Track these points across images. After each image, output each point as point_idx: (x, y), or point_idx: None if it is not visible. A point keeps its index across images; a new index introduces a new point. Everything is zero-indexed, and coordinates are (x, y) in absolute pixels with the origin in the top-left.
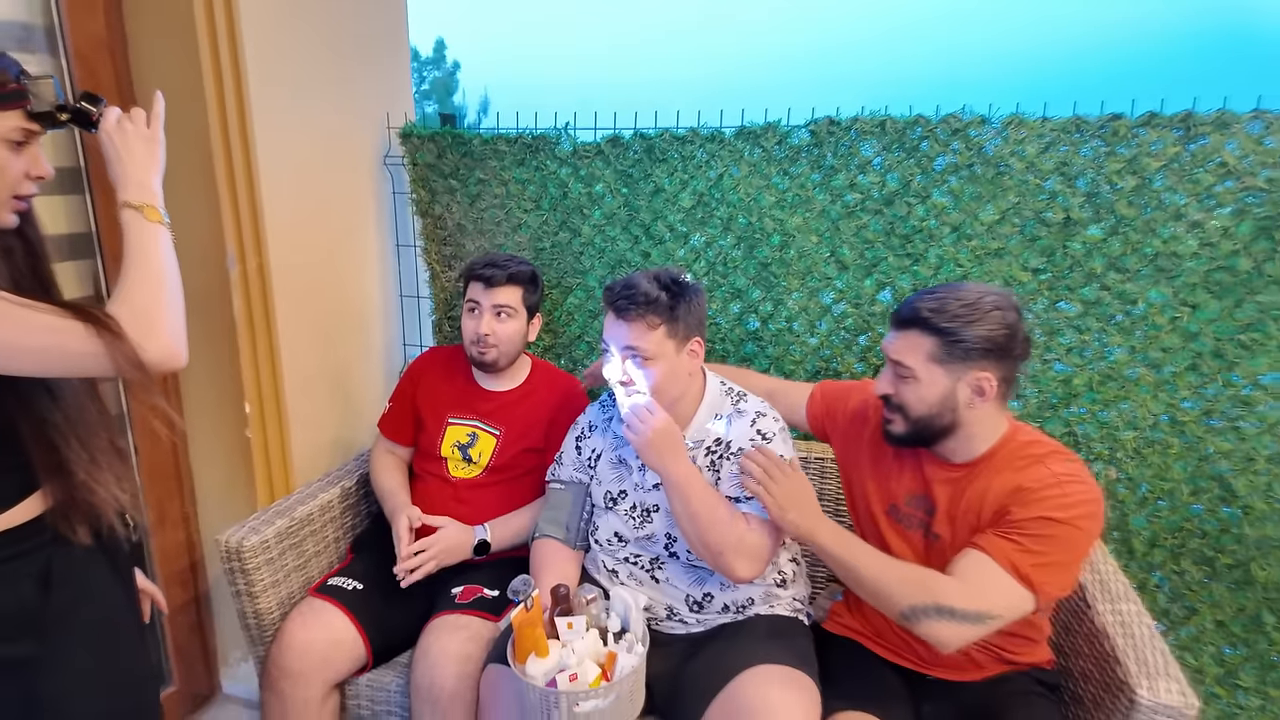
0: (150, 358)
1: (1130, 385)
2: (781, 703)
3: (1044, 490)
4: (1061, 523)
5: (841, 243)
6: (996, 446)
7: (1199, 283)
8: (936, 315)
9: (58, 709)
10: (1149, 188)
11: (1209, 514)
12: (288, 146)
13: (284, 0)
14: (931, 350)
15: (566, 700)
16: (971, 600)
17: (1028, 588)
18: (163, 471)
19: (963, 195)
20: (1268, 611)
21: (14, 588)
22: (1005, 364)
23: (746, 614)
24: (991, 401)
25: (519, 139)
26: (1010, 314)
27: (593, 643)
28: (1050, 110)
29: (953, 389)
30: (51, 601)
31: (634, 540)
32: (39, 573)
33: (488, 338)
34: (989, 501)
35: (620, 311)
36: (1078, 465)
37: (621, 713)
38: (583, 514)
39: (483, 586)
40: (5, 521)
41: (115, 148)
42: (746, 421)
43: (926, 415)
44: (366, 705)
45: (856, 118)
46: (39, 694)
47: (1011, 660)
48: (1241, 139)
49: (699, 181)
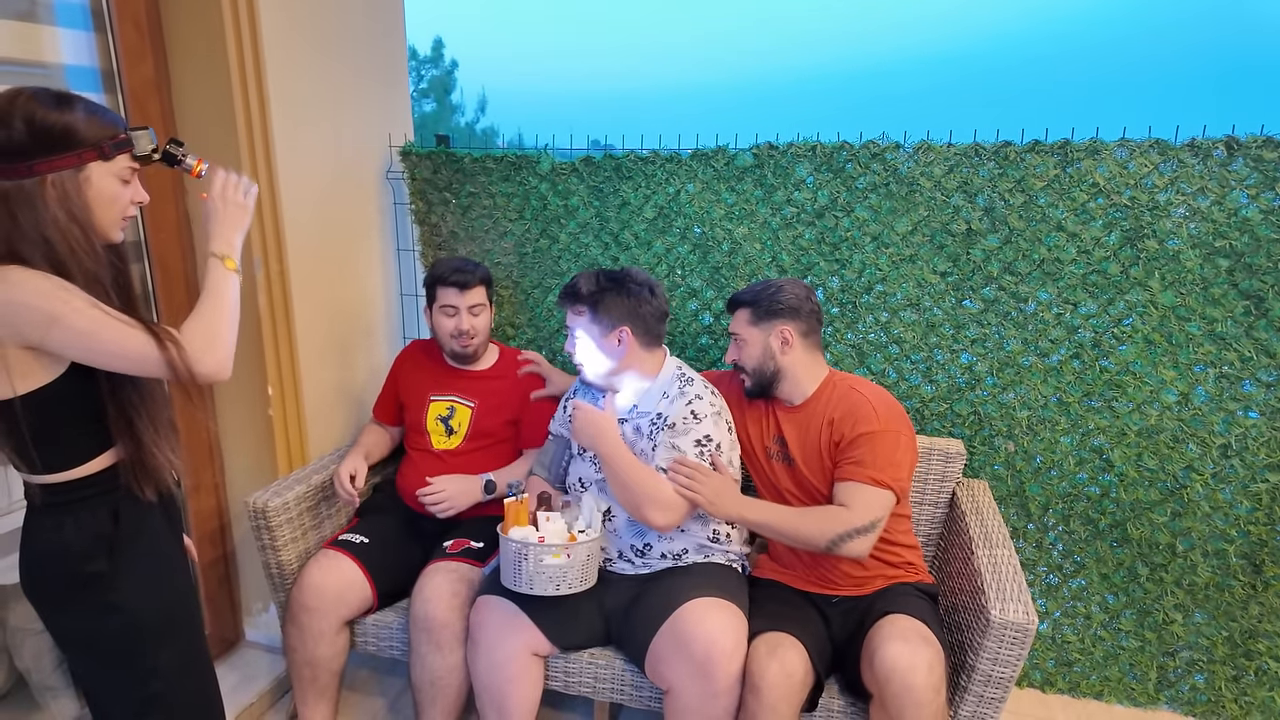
0: (203, 370)
1: (1024, 371)
2: (715, 625)
3: (858, 412)
4: (878, 432)
5: (781, 250)
6: (820, 389)
7: (1078, 284)
8: (747, 293)
9: (124, 609)
10: (1035, 203)
11: (1091, 481)
12: (304, 165)
13: (301, 43)
14: (748, 317)
15: (534, 552)
16: (861, 516)
17: (885, 488)
18: (198, 446)
19: (881, 210)
20: (1141, 564)
21: (94, 518)
22: (799, 320)
23: (683, 561)
24: (798, 350)
25: (504, 157)
26: (798, 288)
27: (560, 529)
28: (957, 137)
29: (766, 342)
30: (120, 531)
31: (594, 483)
32: (110, 510)
33: (468, 333)
34: (826, 434)
35: (559, 300)
36: (876, 388)
37: (572, 576)
38: (563, 461)
39: (469, 539)
40: (89, 468)
41: (215, 209)
42: (684, 401)
43: (758, 367)
44: (372, 641)
45: (791, 143)
46: (111, 599)
47: (895, 573)
48: (1109, 163)
49: (660, 196)
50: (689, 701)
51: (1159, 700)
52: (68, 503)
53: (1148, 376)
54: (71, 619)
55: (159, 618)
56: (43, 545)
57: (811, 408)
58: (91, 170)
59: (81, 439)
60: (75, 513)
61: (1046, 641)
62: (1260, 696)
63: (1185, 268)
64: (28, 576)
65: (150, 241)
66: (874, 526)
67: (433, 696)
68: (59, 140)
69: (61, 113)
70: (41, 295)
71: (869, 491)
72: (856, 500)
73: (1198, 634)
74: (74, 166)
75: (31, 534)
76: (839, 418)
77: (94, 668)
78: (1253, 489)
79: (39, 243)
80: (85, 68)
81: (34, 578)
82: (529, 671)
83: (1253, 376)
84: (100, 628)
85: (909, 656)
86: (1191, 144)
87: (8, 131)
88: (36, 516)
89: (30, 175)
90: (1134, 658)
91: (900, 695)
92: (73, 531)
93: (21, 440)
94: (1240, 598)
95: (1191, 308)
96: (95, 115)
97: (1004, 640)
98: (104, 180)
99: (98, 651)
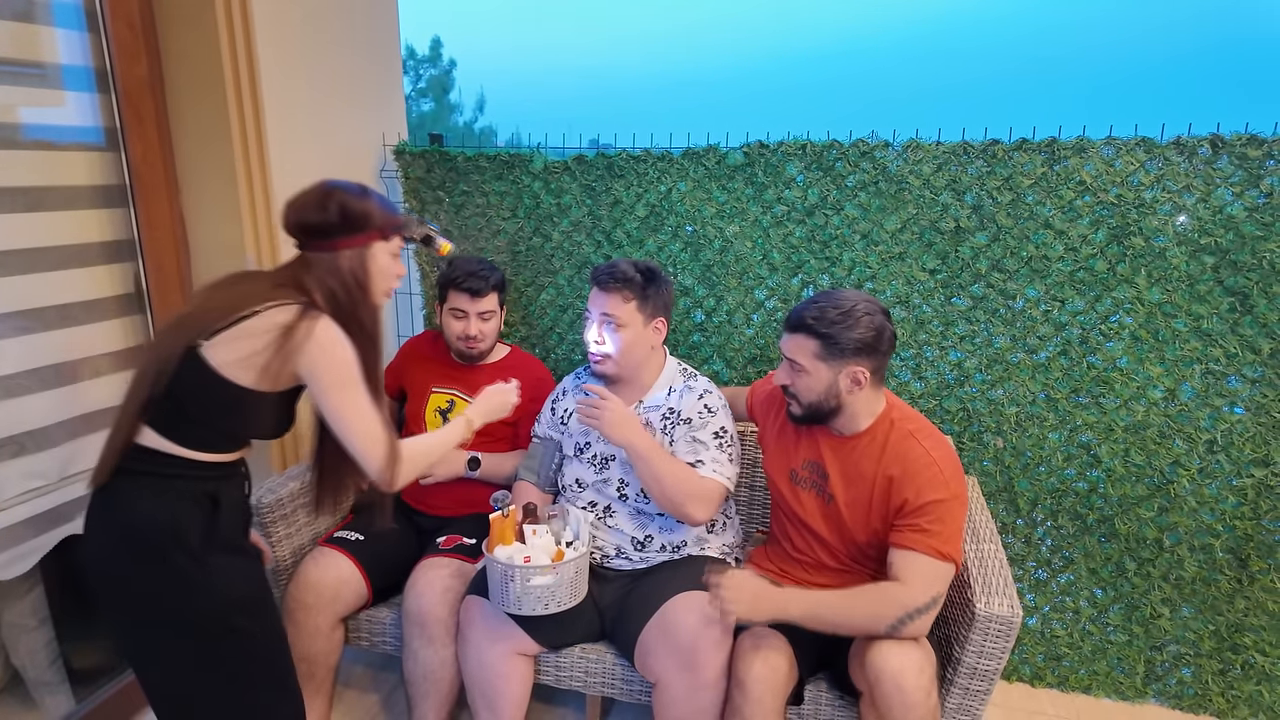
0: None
1: (1012, 368)
2: (702, 618)
3: (926, 474)
4: (946, 500)
5: (771, 248)
6: (876, 423)
7: (1065, 281)
8: (818, 322)
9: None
10: (1022, 201)
11: (1079, 477)
12: (298, 164)
13: (295, 42)
14: (816, 350)
15: (520, 574)
16: (922, 593)
17: (948, 561)
18: None
19: (870, 208)
20: (1129, 559)
21: (199, 496)
22: (875, 358)
23: (681, 554)
24: (867, 389)
25: (497, 156)
26: (878, 318)
27: (548, 543)
28: (946, 135)
29: (835, 380)
30: (220, 509)
31: (591, 485)
32: (211, 495)
33: (475, 338)
34: (883, 488)
35: (602, 285)
36: (938, 437)
37: (561, 594)
38: (553, 464)
39: (462, 536)
40: (218, 457)
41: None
42: (695, 395)
43: (816, 401)
44: (366, 636)
45: (782, 141)
46: (202, 561)
47: None
48: (1096, 161)
49: (652, 195)
50: (676, 693)
51: (1146, 694)
52: (182, 476)
53: (1135, 373)
54: (155, 582)
55: (240, 592)
56: (146, 510)
57: (864, 444)
58: (375, 248)
59: (244, 434)
60: (184, 487)
61: (1036, 636)
62: (1247, 690)
63: (1171, 265)
64: (121, 534)
65: (144, 241)
66: (935, 603)
67: (426, 691)
68: (359, 223)
69: (362, 202)
70: (346, 365)
71: (932, 565)
72: (916, 573)
73: (1185, 628)
74: (364, 245)
75: (128, 497)
76: (900, 475)
77: (169, 636)
78: (1238, 484)
79: (331, 300)
80: (79, 67)
81: (130, 537)
82: (519, 669)
83: (1238, 372)
84: (185, 595)
85: (900, 658)
86: (1177, 142)
87: (324, 215)
88: (134, 480)
89: (334, 250)
90: (1122, 652)
91: (891, 696)
92: (172, 507)
93: (204, 414)
94: (1226, 592)
95: (1177, 304)
96: (384, 205)
97: (989, 633)
98: (382, 256)
99: (174, 621)
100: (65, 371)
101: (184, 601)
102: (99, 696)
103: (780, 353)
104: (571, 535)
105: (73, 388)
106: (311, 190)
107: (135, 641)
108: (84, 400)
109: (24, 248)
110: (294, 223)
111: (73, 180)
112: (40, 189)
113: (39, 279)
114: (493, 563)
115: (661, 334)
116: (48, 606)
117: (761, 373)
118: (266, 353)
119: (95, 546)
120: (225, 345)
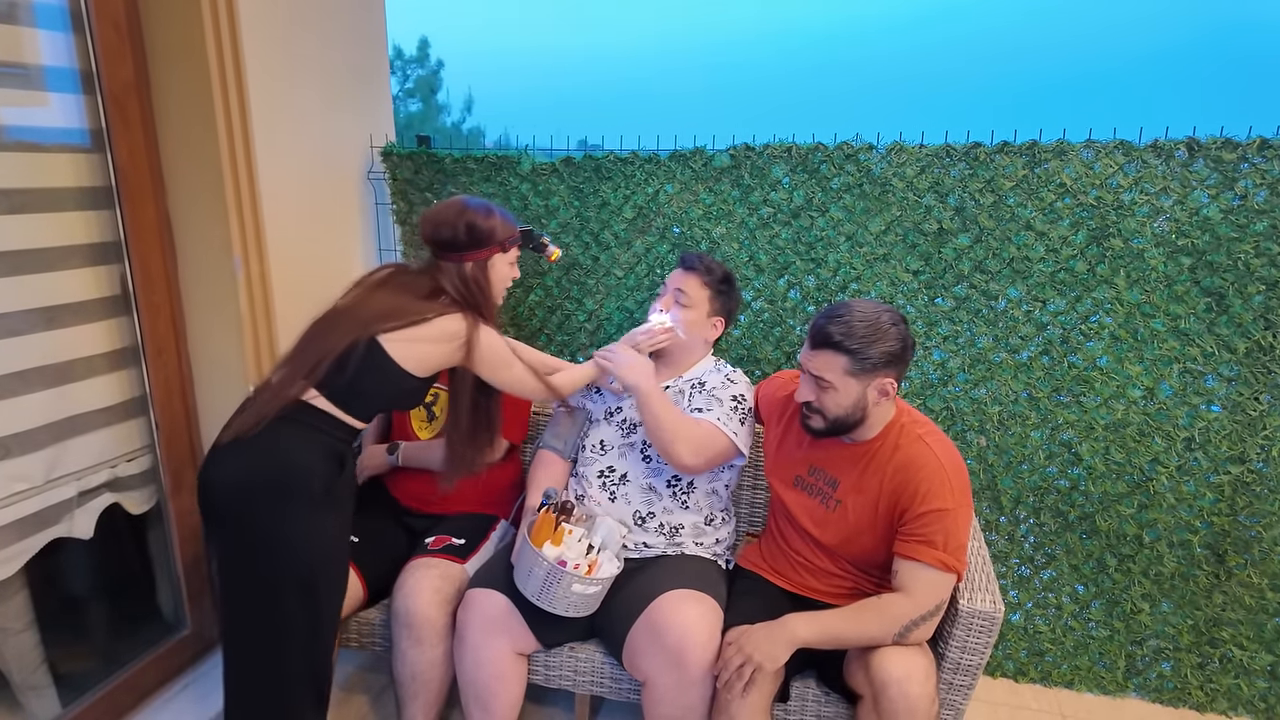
0: (553, 396)
1: (995, 367)
2: (690, 616)
3: (932, 481)
4: (952, 510)
5: (758, 249)
6: (887, 428)
7: (1046, 282)
8: (847, 337)
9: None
10: (1004, 203)
11: (1061, 474)
12: (285, 166)
13: (281, 44)
14: (846, 366)
15: (568, 578)
16: (925, 602)
17: (952, 570)
18: (178, 443)
19: (855, 210)
20: (1110, 555)
21: (335, 453)
22: (900, 367)
23: (676, 539)
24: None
25: (485, 158)
26: (902, 328)
27: (583, 549)
28: (929, 138)
29: (863, 393)
30: (344, 470)
31: (616, 448)
32: (341, 453)
33: None
34: (889, 490)
35: (688, 265)
36: (946, 443)
37: (590, 604)
38: (579, 435)
39: (451, 537)
40: (357, 423)
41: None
42: (722, 375)
43: (843, 416)
44: (355, 637)
45: (768, 144)
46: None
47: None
48: (1076, 164)
49: (639, 196)
50: (664, 692)
51: (1127, 688)
52: (329, 434)
53: (1114, 372)
54: (281, 520)
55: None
56: (294, 451)
57: (875, 448)
58: (496, 258)
59: (395, 407)
60: (325, 443)
61: (1019, 632)
62: (1225, 683)
63: (1149, 266)
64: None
65: (130, 242)
66: (938, 611)
67: (414, 692)
68: (483, 240)
69: (488, 220)
70: (503, 350)
71: (935, 576)
72: (919, 583)
73: (1164, 623)
74: (487, 258)
75: (278, 438)
76: (909, 479)
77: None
78: (1215, 481)
79: (463, 300)
80: (64, 69)
81: (267, 471)
82: (514, 669)
83: (1215, 371)
84: (304, 536)
85: (905, 665)
86: (1154, 145)
87: (454, 232)
88: (289, 425)
89: (461, 262)
90: (1103, 647)
91: (896, 702)
92: (318, 454)
93: (375, 390)
94: (1204, 587)
95: (1156, 305)
96: (506, 220)
97: (972, 629)
98: (501, 265)
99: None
100: (51, 374)
101: (283, 544)
102: (85, 700)
103: (803, 369)
104: (599, 541)
105: (59, 390)
106: (446, 208)
107: (232, 571)
108: (70, 403)
109: (9, 250)
110: (428, 236)
111: (58, 182)
112: (25, 191)
113: (24, 281)
114: (539, 558)
115: (717, 332)
116: (34, 610)
117: (749, 373)
118: (443, 354)
119: (232, 478)
120: (401, 343)
